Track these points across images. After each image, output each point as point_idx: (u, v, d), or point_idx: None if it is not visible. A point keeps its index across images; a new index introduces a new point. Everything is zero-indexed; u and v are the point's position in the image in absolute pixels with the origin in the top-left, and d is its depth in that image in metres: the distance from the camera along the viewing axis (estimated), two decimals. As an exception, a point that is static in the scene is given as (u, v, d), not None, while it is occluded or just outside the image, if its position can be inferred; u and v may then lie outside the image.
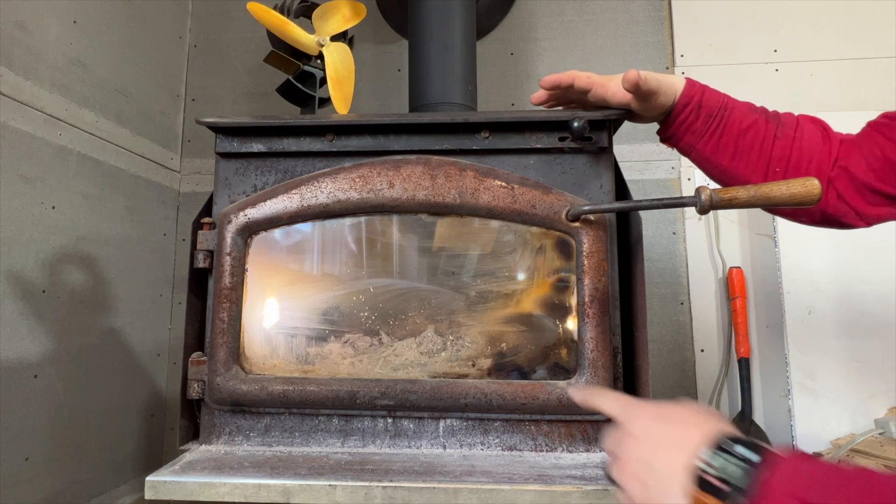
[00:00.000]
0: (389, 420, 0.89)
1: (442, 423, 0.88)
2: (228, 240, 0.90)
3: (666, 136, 0.87)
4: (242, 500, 0.74)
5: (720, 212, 1.54)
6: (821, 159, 0.77)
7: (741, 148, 0.79)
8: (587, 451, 0.86)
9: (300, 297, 0.96)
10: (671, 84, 0.81)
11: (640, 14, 1.68)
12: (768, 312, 1.50)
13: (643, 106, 0.83)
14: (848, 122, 0.86)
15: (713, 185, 0.79)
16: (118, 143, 1.42)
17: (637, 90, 0.80)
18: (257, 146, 0.95)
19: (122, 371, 1.42)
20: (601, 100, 0.87)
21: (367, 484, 0.73)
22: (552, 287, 0.92)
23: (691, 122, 0.81)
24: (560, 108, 0.95)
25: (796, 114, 0.82)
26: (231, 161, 0.96)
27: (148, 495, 0.75)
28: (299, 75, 1.21)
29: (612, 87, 0.84)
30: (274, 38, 1.21)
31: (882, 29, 1.56)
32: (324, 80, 1.23)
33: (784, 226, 1.42)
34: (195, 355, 0.92)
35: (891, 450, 1.17)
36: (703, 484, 0.41)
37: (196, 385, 0.90)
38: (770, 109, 0.81)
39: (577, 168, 0.92)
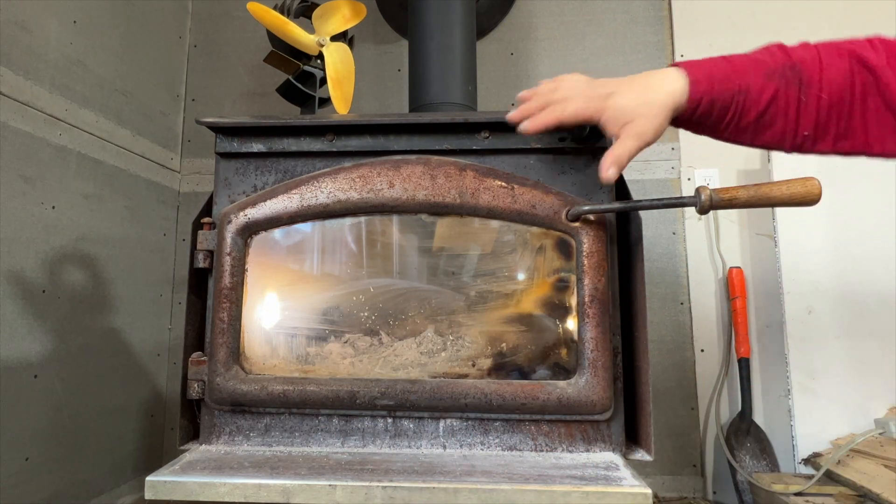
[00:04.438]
0: (389, 420, 0.89)
1: (442, 423, 0.88)
2: (228, 240, 0.90)
3: (678, 126, 0.77)
4: (242, 500, 0.74)
5: (720, 212, 1.54)
6: (850, 109, 0.67)
7: (764, 124, 0.70)
8: (587, 451, 0.86)
9: (300, 297, 0.96)
10: (657, 95, 0.71)
11: (641, 14, 1.68)
12: (768, 312, 1.50)
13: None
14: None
15: (713, 185, 0.78)
16: (118, 143, 1.42)
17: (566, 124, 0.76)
18: (257, 146, 0.95)
19: (122, 371, 1.42)
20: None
21: (367, 484, 0.73)
22: (552, 287, 0.92)
23: (704, 120, 0.73)
24: None
25: (817, 45, 0.70)
26: (231, 161, 0.96)
27: (148, 495, 0.75)
28: (299, 75, 1.21)
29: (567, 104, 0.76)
30: (274, 38, 1.21)
31: (882, 29, 1.56)
32: (324, 80, 1.23)
33: (784, 226, 1.42)
34: (195, 355, 0.92)
35: (891, 450, 1.17)
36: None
37: (196, 385, 0.90)
38: (788, 56, 0.69)
39: (577, 168, 0.92)
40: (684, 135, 1.60)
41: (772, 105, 0.69)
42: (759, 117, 0.70)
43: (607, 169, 0.72)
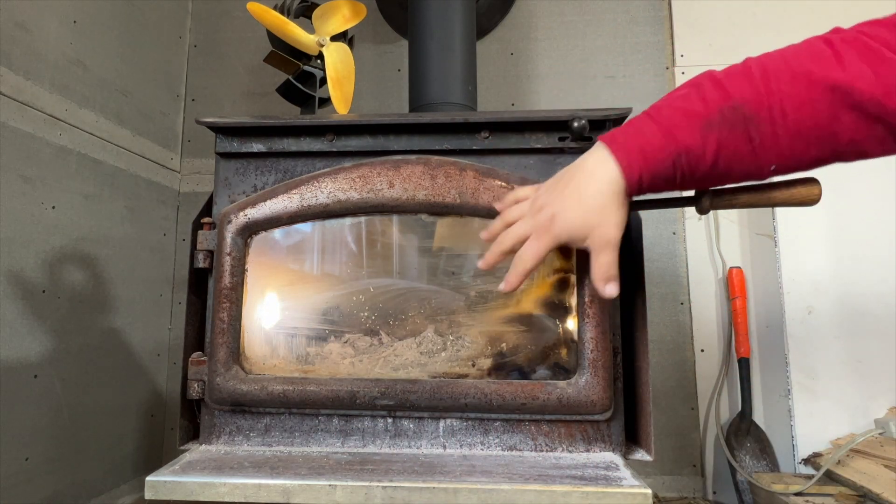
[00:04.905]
0: (389, 420, 0.89)
1: (442, 423, 0.88)
2: (228, 240, 0.90)
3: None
4: (242, 500, 0.74)
5: (720, 212, 1.54)
6: (821, 133, 0.58)
7: (720, 174, 0.63)
8: (587, 451, 0.86)
9: (300, 297, 0.96)
10: (601, 200, 0.64)
11: (640, 14, 1.68)
12: (768, 312, 1.50)
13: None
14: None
15: (713, 185, 0.77)
16: (118, 143, 1.42)
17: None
18: (257, 146, 0.95)
19: (122, 371, 1.42)
20: None
21: (367, 484, 0.73)
22: (552, 287, 0.92)
23: (653, 191, 0.67)
24: None
25: (769, 70, 0.60)
26: (231, 161, 0.96)
27: (148, 495, 0.75)
28: (299, 75, 1.21)
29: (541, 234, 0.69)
30: (274, 38, 1.22)
31: (882, 29, 1.56)
32: (324, 80, 1.23)
33: (784, 226, 1.42)
34: (195, 355, 0.92)
35: (891, 450, 1.17)
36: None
37: (196, 385, 0.90)
38: (724, 95, 0.60)
39: (577, 168, 0.92)
40: (684, 135, 1.60)
41: (720, 156, 0.61)
42: (711, 170, 0.62)
43: (605, 289, 0.67)
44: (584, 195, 0.64)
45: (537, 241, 0.67)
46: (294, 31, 1.16)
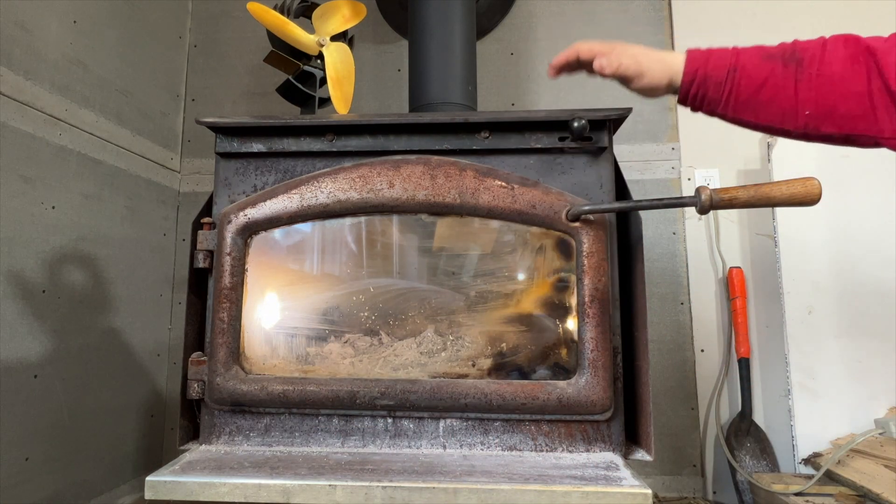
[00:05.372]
0: (389, 420, 0.89)
1: (442, 423, 0.88)
2: (228, 240, 0.90)
3: (685, 106, 0.83)
4: (242, 500, 0.74)
5: (720, 212, 1.54)
6: (854, 89, 0.71)
7: (762, 102, 0.74)
8: (587, 451, 0.86)
9: (300, 297, 0.96)
10: (664, 65, 0.78)
11: (640, 14, 1.68)
12: (768, 312, 1.50)
13: (632, 88, 0.81)
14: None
15: (713, 185, 0.78)
16: (118, 143, 1.42)
17: (607, 76, 0.80)
18: (257, 146, 0.95)
19: (123, 371, 1.42)
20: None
21: (367, 484, 0.73)
22: (552, 287, 0.92)
23: (703, 95, 0.78)
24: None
25: (827, 37, 0.75)
26: (231, 161, 0.96)
27: (148, 495, 0.75)
28: (299, 75, 1.21)
29: (612, 57, 0.81)
30: (274, 38, 1.22)
31: (882, 29, 1.56)
32: (324, 80, 1.23)
33: (784, 226, 1.42)
34: (195, 355, 0.92)
35: (891, 450, 1.17)
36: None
37: (196, 385, 0.90)
38: (792, 45, 0.76)
39: (577, 168, 0.92)
40: (684, 135, 1.60)
41: (768, 81, 0.74)
42: (756, 92, 0.74)
43: (601, 61, 0.78)
44: (652, 52, 0.79)
45: (593, 42, 0.80)
46: (294, 31, 1.16)
